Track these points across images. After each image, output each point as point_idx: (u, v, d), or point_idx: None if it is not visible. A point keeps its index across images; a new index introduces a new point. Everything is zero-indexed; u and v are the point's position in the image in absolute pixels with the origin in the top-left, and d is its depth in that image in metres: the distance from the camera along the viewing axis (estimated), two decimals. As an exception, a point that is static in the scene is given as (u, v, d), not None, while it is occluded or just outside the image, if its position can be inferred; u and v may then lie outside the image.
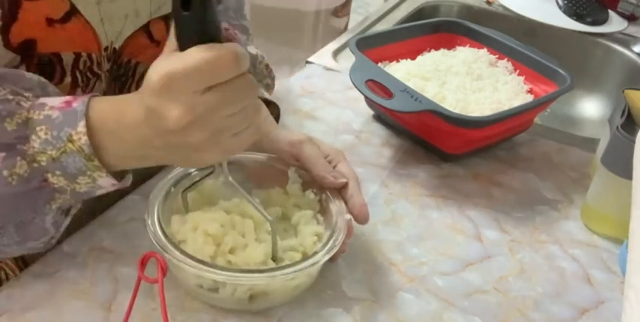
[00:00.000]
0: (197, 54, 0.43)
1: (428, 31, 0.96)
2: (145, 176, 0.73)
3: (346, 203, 0.62)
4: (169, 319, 0.47)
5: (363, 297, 0.62)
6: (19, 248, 0.53)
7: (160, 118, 0.45)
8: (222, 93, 0.44)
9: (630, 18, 1.33)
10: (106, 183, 0.51)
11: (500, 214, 0.75)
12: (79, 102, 0.49)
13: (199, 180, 0.60)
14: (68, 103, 0.49)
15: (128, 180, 0.54)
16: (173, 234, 0.57)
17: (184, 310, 0.58)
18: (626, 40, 1.25)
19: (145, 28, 0.65)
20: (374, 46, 0.88)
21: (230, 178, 0.56)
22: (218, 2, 0.78)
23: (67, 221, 0.55)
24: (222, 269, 0.53)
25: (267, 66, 0.80)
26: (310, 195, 0.64)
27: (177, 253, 0.53)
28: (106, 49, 0.61)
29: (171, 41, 0.45)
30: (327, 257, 0.56)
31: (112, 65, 0.64)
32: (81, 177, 0.49)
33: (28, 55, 0.55)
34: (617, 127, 0.68)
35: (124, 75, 0.66)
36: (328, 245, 0.57)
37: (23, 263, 0.66)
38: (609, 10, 1.31)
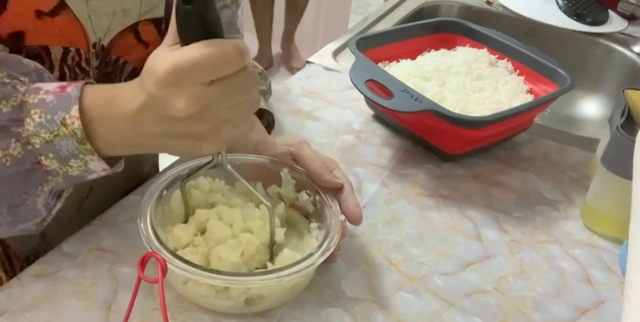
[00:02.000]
0: (203, 49, 0.44)
1: (428, 31, 0.96)
2: (144, 177, 0.73)
3: (340, 206, 0.62)
4: (169, 319, 0.47)
5: (363, 297, 0.62)
6: (11, 228, 0.54)
7: (166, 108, 0.46)
8: (225, 86, 0.46)
9: (630, 18, 1.33)
10: (97, 168, 0.52)
11: (500, 214, 0.75)
12: (72, 87, 0.50)
13: (196, 173, 0.60)
14: (63, 88, 0.50)
15: (119, 167, 0.55)
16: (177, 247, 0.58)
17: (184, 310, 0.58)
18: (626, 40, 1.25)
19: (133, 28, 0.65)
20: (374, 46, 0.88)
21: (229, 166, 0.57)
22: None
23: (59, 204, 0.56)
24: (217, 273, 0.53)
25: (261, 73, 0.81)
26: (304, 196, 0.64)
27: (171, 257, 0.53)
28: (94, 45, 0.62)
29: (171, 35, 0.46)
30: (322, 259, 0.56)
31: (100, 62, 0.64)
32: (73, 160, 0.50)
33: (16, 47, 0.55)
34: (617, 127, 0.68)
35: (112, 73, 0.66)
36: (323, 247, 0.57)
37: (9, 264, 0.66)
38: (609, 10, 1.31)
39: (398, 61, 0.91)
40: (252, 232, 0.58)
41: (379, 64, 0.88)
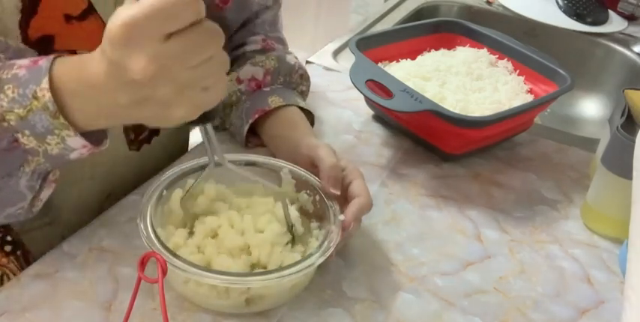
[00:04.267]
0: None
1: (428, 31, 0.96)
2: (145, 176, 0.73)
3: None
4: (169, 319, 0.47)
5: (363, 297, 0.62)
6: None
7: (124, 70, 0.43)
8: (184, 39, 0.42)
9: (630, 18, 1.33)
10: (77, 144, 0.49)
11: (500, 214, 0.75)
12: (44, 60, 0.48)
13: (193, 186, 0.60)
14: (35, 62, 0.48)
15: (104, 145, 0.52)
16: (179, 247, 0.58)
17: (184, 310, 0.58)
18: (626, 40, 1.25)
19: None
20: (374, 46, 0.88)
21: (228, 163, 0.57)
22: (255, 17, 0.80)
23: (49, 189, 0.54)
24: (217, 273, 0.53)
25: (301, 76, 0.82)
26: (304, 196, 0.64)
27: (171, 257, 0.53)
28: None
29: None
30: (322, 259, 0.56)
31: None
32: (49, 136, 0.48)
33: (45, 51, 0.55)
34: (617, 127, 0.68)
35: None
36: (324, 247, 0.57)
37: (26, 262, 0.66)
38: (609, 10, 1.31)
39: (398, 61, 0.91)
40: (262, 231, 0.59)
41: (379, 64, 0.88)
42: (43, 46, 0.55)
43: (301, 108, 0.76)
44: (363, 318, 0.59)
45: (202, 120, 0.50)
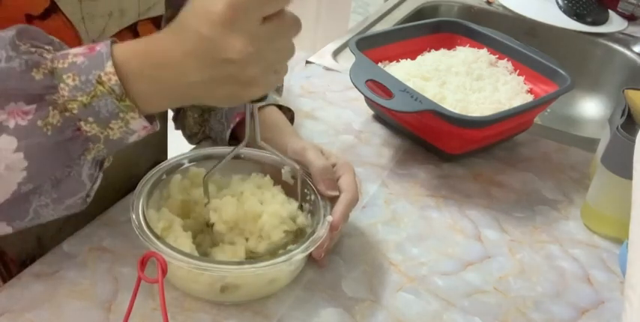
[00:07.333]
0: None
1: (428, 31, 0.96)
2: (123, 174, 0.73)
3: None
4: (169, 319, 0.47)
5: (363, 297, 0.62)
6: (57, 207, 0.52)
7: (221, 49, 0.45)
8: (276, 24, 0.47)
9: (630, 18, 1.33)
10: (138, 126, 0.50)
11: (500, 214, 0.75)
12: (101, 46, 0.49)
13: (216, 166, 0.61)
14: (91, 49, 0.49)
15: (157, 125, 0.53)
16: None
17: (184, 310, 0.58)
18: (626, 40, 1.25)
19: (132, 29, 0.64)
20: (374, 46, 0.88)
21: (259, 141, 0.58)
22: None
23: (100, 178, 0.55)
24: (190, 257, 0.54)
25: None
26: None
27: (151, 237, 0.55)
28: None
29: None
30: (301, 256, 0.56)
31: None
32: (113, 120, 0.49)
33: None
34: (617, 127, 0.68)
35: None
36: (304, 245, 0.57)
37: (6, 270, 0.66)
38: (609, 10, 1.32)
39: (398, 61, 0.91)
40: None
41: (379, 64, 0.88)
42: None
43: (280, 106, 0.75)
44: (363, 318, 0.59)
45: (254, 99, 0.53)
